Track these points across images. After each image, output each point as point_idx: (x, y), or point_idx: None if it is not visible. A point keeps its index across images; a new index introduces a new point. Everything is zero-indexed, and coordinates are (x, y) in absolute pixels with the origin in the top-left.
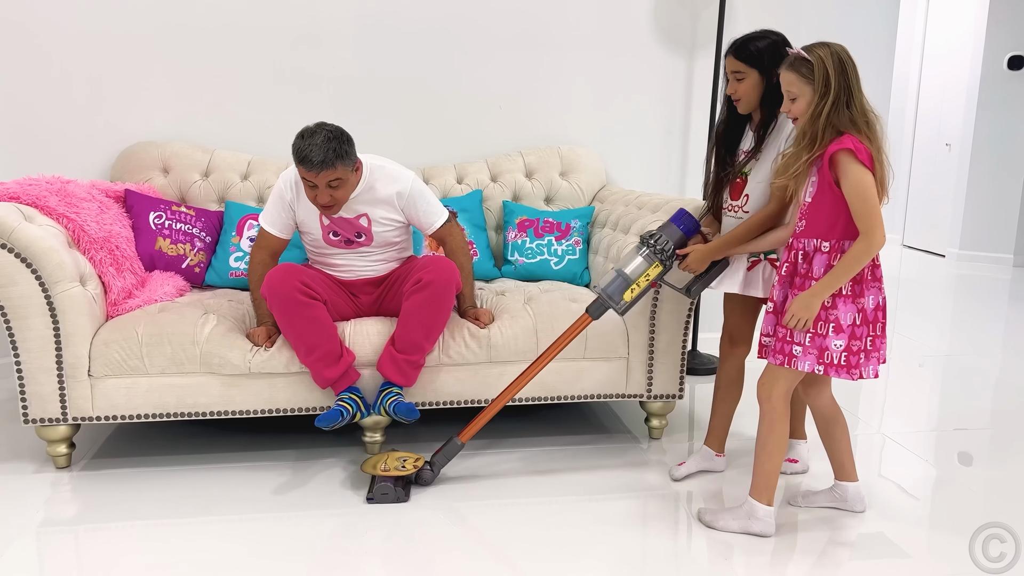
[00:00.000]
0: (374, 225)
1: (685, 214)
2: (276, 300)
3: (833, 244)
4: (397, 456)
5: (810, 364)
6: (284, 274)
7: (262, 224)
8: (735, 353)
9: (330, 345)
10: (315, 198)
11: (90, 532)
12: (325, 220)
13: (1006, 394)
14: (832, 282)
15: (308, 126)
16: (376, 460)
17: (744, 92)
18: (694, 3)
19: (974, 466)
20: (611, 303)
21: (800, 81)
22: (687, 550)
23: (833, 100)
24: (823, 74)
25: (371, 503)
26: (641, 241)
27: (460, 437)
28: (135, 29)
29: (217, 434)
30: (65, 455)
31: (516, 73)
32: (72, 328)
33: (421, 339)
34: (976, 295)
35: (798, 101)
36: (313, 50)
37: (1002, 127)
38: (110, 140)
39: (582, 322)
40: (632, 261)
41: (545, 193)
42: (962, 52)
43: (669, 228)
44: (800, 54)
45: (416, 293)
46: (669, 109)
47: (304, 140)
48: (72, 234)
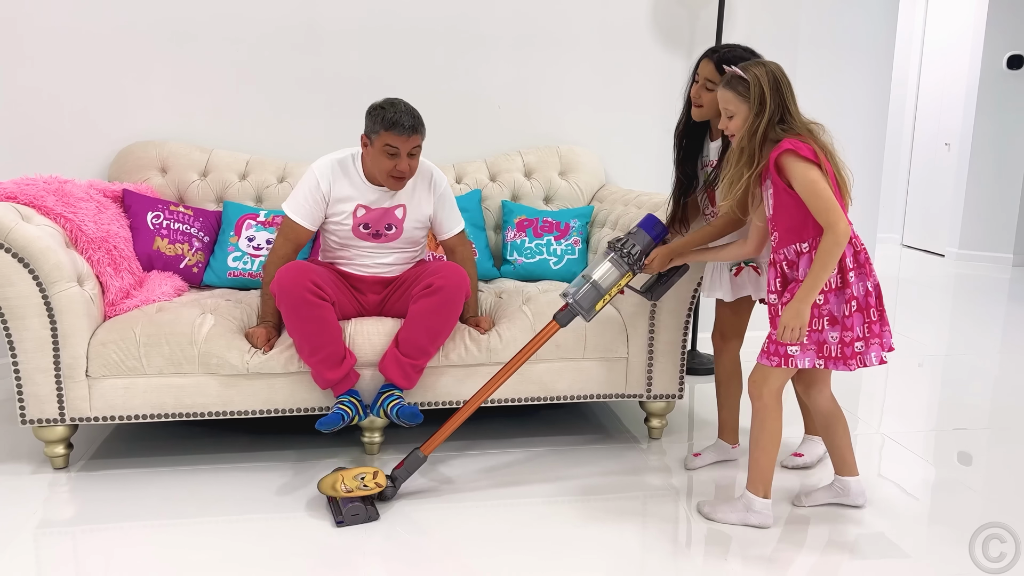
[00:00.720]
0: (408, 219)
1: (655, 220)
2: (285, 297)
3: (811, 242)
4: (353, 474)
5: (810, 360)
6: (296, 273)
7: (290, 215)
8: (728, 348)
9: (334, 347)
10: (394, 167)
11: (88, 533)
12: (360, 212)
13: (1005, 393)
14: (813, 284)
15: (380, 100)
16: (332, 480)
17: (709, 101)
18: (693, 3)
19: (973, 466)
20: (580, 310)
21: (737, 99)
22: (686, 550)
23: (768, 117)
24: (758, 92)
25: (341, 526)
26: (609, 246)
27: (423, 449)
28: (133, 28)
29: (216, 435)
30: (63, 456)
31: (515, 73)
32: (70, 328)
33: (426, 343)
34: (975, 295)
35: (735, 118)
36: (312, 50)
37: (1001, 126)
38: (108, 140)
39: (549, 330)
40: (600, 267)
41: (544, 193)
42: (961, 51)
43: (638, 234)
44: (736, 73)
45: (426, 297)
46: (668, 109)
47: (388, 109)
48: (70, 234)
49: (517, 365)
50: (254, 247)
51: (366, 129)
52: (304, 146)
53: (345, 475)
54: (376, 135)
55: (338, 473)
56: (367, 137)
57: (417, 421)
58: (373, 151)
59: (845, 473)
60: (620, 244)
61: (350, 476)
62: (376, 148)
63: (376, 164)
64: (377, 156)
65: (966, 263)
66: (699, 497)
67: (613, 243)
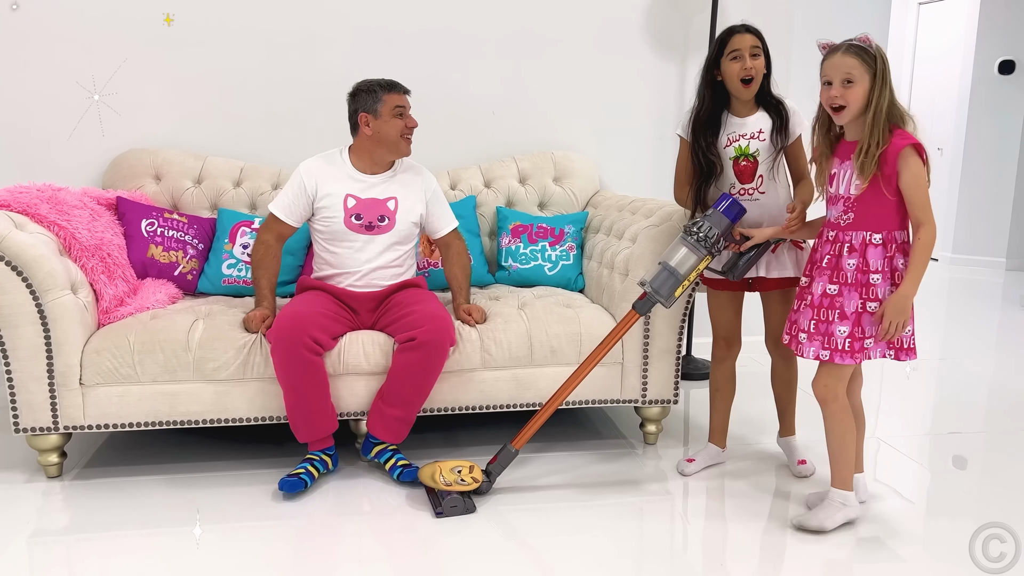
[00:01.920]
0: (400, 210)
1: (731, 200)
2: (280, 349)
3: (886, 236)
4: (450, 467)
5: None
6: (293, 326)
7: (272, 210)
8: (731, 355)
9: (319, 405)
10: (405, 125)
11: (82, 542)
12: (350, 202)
13: (1000, 397)
14: (916, 277)
15: (356, 84)
16: (430, 471)
17: (759, 70)
18: (687, 8)
19: (969, 469)
20: (659, 298)
21: (862, 66)
22: (683, 556)
23: (889, 93)
24: (883, 66)
25: (440, 517)
26: (685, 231)
27: (514, 444)
28: (127, 36)
29: (210, 442)
30: (56, 464)
31: (509, 79)
32: (63, 336)
33: (412, 395)
34: (969, 299)
35: (855, 86)
36: (306, 57)
37: (994, 131)
38: (102, 147)
39: (629, 319)
40: (677, 252)
41: (539, 199)
42: (953, 57)
43: (714, 216)
44: (859, 42)
45: (409, 352)
46: (662, 114)
47: (373, 81)
48: (63, 242)
49: (599, 357)
50: (249, 254)
51: (363, 106)
52: (299, 153)
53: (442, 467)
54: (380, 103)
55: (436, 464)
56: (367, 114)
57: (411, 479)
58: (381, 121)
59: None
60: (696, 228)
61: (447, 468)
62: (385, 115)
63: (388, 131)
64: (387, 123)
65: (960, 267)
66: (696, 501)
67: (689, 227)
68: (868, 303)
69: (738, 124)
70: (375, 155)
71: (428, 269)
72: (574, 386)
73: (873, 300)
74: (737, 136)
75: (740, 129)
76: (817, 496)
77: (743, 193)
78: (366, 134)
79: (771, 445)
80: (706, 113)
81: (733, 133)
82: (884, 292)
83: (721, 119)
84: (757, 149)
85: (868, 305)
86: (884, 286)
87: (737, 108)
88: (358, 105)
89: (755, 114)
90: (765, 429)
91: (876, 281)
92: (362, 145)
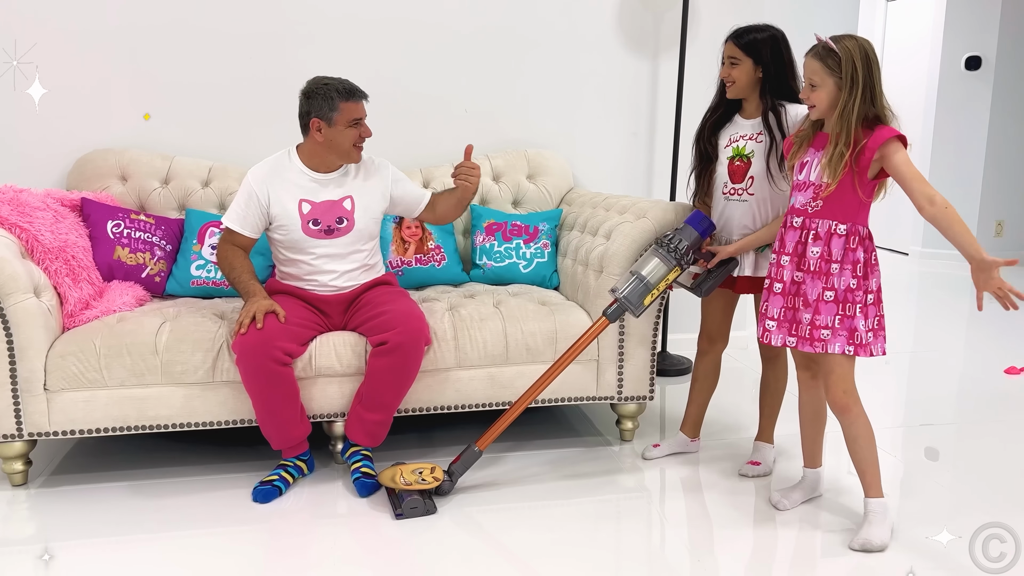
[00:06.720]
0: (357, 209)
1: (701, 216)
2: (247, 362)
3: (849, 228)
4: (411, 468)
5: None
6: (260, 339)
7: (228, 224)
8: (714, 349)
9: (290, 413)
10: (359, 135)
11: (48, 552)
12: (305, 208)
13: (969, 389)
14: (969, 240)
15: (309, 82)
16: (391, 473)
17: (737, 77)
18: (658, 6)
19: (941, 461)
20: (629, 306)
21: (824, 71)
22: (660, 552)
23: (860, 94)
24: (850, 68)
25: (400, 519)
26: (657, 243)
27: (478, 445)
28: (91, 33)
29: (180, 447)
30: (21, 472)
31: (482, 76)
32: (26, 341)
33: (390, 399)
34: (939, 292)
35: (819, 90)
36: (274, 55)
37: (961, 127)
38: (66, 148)
39: (600, 326)
40: (649, 263)
41: (512, 196)
42: (920, 53)
43: (685, 230)
44: (828, 44)
45: (384, 355)
46: (634, 111)
47: (332, 83)
48: (25, 244)
49: (567, 361)
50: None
51: (317, 111)
52: (267, 152)
53: (404, 469)
54: (335, 112)
55: (397, 467)
56: (320, 120)
57: (366, 494)
58: (334, 130)
59: (815, 465)
60: (668, 240)
61: (408, 470)
62: (340, 124)
63: (342, 141)
64: (341, 132)
65: (929, 261)
66: (672, 495)
67: (661, 239)
68: (826, 291)
69: (742, 125)
70: (325, 159)
71: (402, 268)
72: (542, 388)
73: (830, 289)
74: (738, 136)
75: (742, 130)
76: (782, 493)
77: (733, 192)
78: (316, 139)
79: (751, 441)
80: (714, 113)
81: (735, 134)
82: (843, 283)
83: (732, 119)
84: (752, 151)
85: (825, 294)
86: (844, 276)
87: (746, 110)
88: (311, 108)
89: (759, 117)
90: (743, 425)
91: (835, 271)
92: (312, 148)
